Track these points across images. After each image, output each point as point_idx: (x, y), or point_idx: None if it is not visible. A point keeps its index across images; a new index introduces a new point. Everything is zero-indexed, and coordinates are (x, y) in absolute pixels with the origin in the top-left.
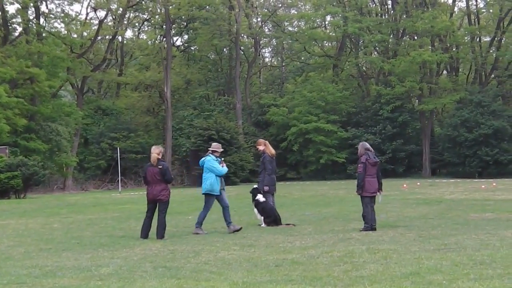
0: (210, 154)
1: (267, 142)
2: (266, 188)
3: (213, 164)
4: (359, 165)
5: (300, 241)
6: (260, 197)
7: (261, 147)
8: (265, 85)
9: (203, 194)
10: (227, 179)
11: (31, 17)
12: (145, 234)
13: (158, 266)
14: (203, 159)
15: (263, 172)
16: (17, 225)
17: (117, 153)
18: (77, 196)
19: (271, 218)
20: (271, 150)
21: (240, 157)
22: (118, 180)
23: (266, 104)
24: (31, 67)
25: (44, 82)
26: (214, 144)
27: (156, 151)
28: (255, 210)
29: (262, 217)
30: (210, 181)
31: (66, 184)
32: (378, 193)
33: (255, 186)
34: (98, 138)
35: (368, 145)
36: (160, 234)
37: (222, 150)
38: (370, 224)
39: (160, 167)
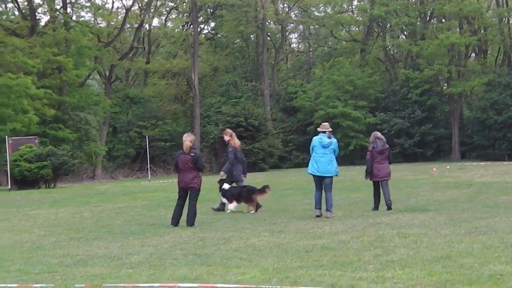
0: (321, 134)
1: (233, 133)
2: (221, 173)
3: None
4: (367, 153)
5: (330, 226)
6: (225, 186)
7: (227, 137)
8: (293, 71)
9: (330, 176)
10: (256, 166)
11: (57, 7)
12: (176, 221)
13: (189, 254)
14: (317, 139)
15: (228, 161)
16: (48, 214)
17: (146, 141)
18: (106, 185)
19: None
20: (235, 142)
21: (268, 143)
22: (147, 168)
23: (293, 91)
24: (58, 56)
25: (72, 71)
26: (325, 124)
27: (188, 139)
28: (223, 199)
29: (232, 203)
30: (336, 163)
31: (95, 173)
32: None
33: (223, 177)
34: (126, 127)
35: (378, 134)
36: (190, 222)
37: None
38: (376, 205)
39: (192, 154)
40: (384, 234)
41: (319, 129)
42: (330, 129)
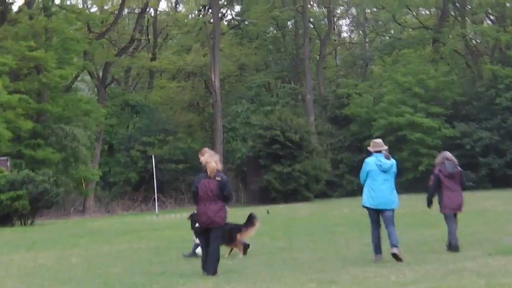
0: (376, 154)
1: (212, 152)
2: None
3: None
4: (430, 177)
5: (396, 274)
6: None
7: (203, 158)
8: (344, 68)
9: (392, 209)
10: (297, 194)
11: None
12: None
13: None
14: (374, 161)
15: None
16: (24, 260)
17: (152, 163)
18: (101, 220)
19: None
20: (217, 165)
21: (313, 164)
22: (153, 199)
23: (345, 94)
24: (35, 51)
25: (54, 71)
26: (378, 141)
27: (214, 159)
28: (197, 239)
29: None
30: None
31: (86, 206)
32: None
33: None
34: (126, 144)
35: (448, 154)
36: (212, 269)
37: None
38: (452, 241)
39: (219, 179)
40: (468, 285)
41: (371, 149)
42: (386, 147)
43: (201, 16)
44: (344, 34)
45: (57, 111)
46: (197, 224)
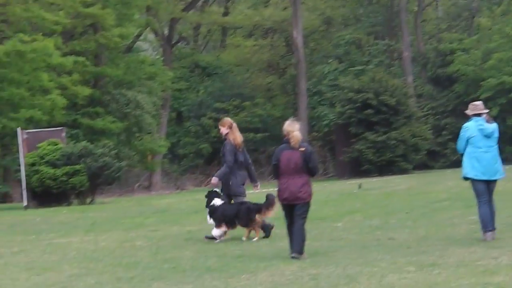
0: (476, 118)
1: (234, 124)
2: (214, 180)
3: None
4: None
5: (509, 256)
6: (217, 201)
7: (224, 130)
8: (446, 21)
9: (495, 180)
10: (393, 165)
11: None
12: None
13: None
14: (475, 125)
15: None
16: (83, 243)
17: None
18: (169, 198)
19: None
20: (236, 137)
21: (411, 131)
22: None
23: (448, 50)
24: (91, 7)
25: (113, 29)
26: (477, 103)
27: (296, 128)
28: (209, 219)
29: (220, 228)
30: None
31: (152, 181)
32: None
33: (216, 189)
34: (197, 111)
35: None
36: (298, 249)
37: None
38: None
39: (303, 149)
40: None
41: (469, 112)
42: (487, 110)
43: None
44: None
45: (117, 75)
46: (214, 201)
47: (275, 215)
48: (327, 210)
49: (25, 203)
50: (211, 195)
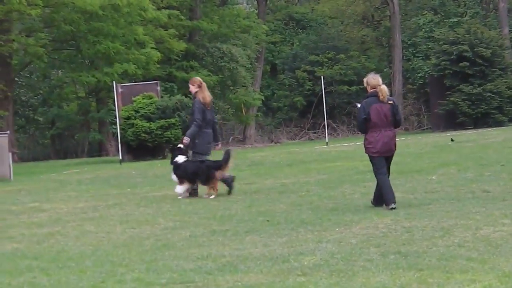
0: None
1: (203, 83)
2: (185, 140)
3: None
4: None
5: None
6: (180, 158)
7: (193, 88)
8: None
9: None
10: (489, 118)
11: None
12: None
13: (388, 252)
14: None
15: (192, 123)
16: (178, 197)
17: (321, 85)
18: (263, 151)
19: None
20: (205, 96)
21: (508, 83)
22: (323, 126)
23: None
24: None
25: None
26: None
27: (381, 81)
28: (173, 176)
29: (183, 185)
30: None
31: (246, 134)
32: None
33: (180, 145)
34: (291, 64)
35: None
36: (394, 200)
37: None
38: None
39: (391, 102)
40: None
41: None
42: None
43: None
44: None
45: (212, 28)
46: (177, 158)
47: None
48: (421, 163)
49: (120, 156)
50: (174, 152)
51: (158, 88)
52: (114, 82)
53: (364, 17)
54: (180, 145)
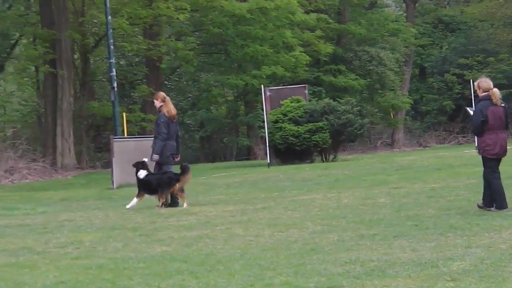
0: None
1: (167, 98)
2: (155, 157)
3: None
4: None
5: None
6: (141, 173)
7: (157, 103)
8: None
9: None
10: None
11: None
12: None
13: None
14: None
15: (157, 136)
16: (326, 200)
17: (470, 89)
18: (412, 155)
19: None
20: (170, 110)
21: None
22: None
23: None
24: None
25: None
26: None
27: (492, 84)
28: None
29: (139, 197)
30: None
31: (395, 138)
32: None
33: (145, 159)
34: (440, 67)
35: None
36: (505, 205)
37: None
38: None
39: (503, 105)
40: None
41: None
42: None
43: None
44: None
45: (360, 32)
46: (139, 173)
47: None
48: None
49: (268, 160)
50: (137, 166)
51: (306, 91)
52: (262, 86)
53: None
54: (145, 159)
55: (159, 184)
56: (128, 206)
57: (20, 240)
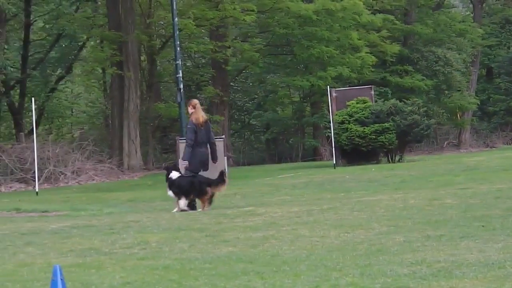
0: None
1: (198, 105)
2: (185, 163)
3: None
4: None
5: None
6: (174, 174)
7: (190, 109)
8: None
9: None
10: None
11: None
12: None
13: None
14: None
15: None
16: (392, 201)
17: None
18: (479, 155)
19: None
20: (198, 117)
21: None
22: None
23: None
24: None
25: None
26: None
27: None
28: (170, 192)
29: (181, 200)
30: None
31: (462, 139)
32: None
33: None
34: (507, 67)
35: None
36: None
37: None
38: None
39: None
40: None
41: None
42: None
43: None
44: None
45: (426, 32)
46: (171, 174)
47: None
48: None
49: (334, 161)
50: (168, 169)
51: (372, 92)
52: (328, 87)
53: None
54: (174, 162)
55: (192, 187)
56: (174, 210)
57: (87, 240)
